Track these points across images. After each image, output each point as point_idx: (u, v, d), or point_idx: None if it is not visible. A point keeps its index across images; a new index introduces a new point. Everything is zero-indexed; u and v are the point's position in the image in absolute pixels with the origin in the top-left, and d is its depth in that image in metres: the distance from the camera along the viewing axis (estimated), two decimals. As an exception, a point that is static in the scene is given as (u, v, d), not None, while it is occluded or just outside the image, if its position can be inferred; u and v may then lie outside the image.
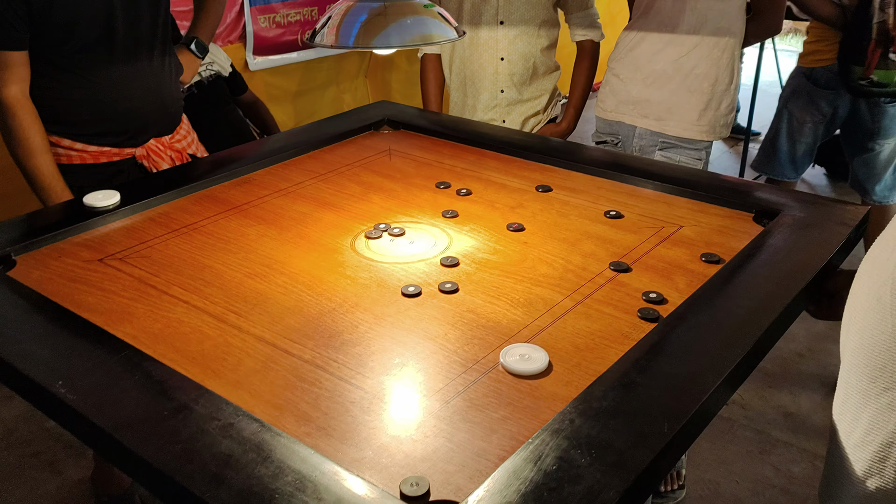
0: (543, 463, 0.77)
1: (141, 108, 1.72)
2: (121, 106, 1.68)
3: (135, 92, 1.70)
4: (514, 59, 2.16)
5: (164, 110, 1.78)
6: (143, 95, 1.71)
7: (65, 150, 1.67)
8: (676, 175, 1.52)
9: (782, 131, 2.75)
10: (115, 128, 1.69)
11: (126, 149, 1.71)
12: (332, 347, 1.01)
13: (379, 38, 1.11)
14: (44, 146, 1.59)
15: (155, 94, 1.74)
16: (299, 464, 0.78)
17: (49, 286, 1.16)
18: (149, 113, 1.73)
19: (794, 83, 2.71)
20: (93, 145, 1.68)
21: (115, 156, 1.70)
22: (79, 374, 0.92)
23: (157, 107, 1.75)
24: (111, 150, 1.70)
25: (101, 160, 1.69)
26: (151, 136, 1.75)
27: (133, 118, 1.71)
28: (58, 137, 1.65)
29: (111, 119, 1.68)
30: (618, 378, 0.91)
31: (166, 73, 1.77)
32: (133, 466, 0.82)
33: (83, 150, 1.68)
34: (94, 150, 1.68)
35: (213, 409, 0.86)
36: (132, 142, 1.72)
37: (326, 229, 1.35)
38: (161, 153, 1.75)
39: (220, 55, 2.74)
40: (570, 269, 1.20)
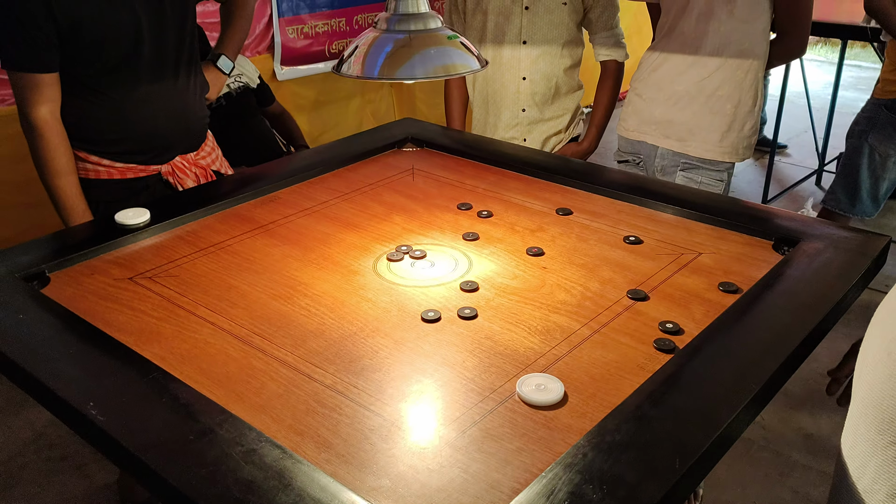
0: (556, 497, 0.79)
1: (166, 127, 1.75)
2: (146, 126, 1.72)
3: (160, 112, 1.73)
4: (537, 78, 2.18)
5: (189, 130, 1.81)
6: (168, 115, 1.75)
7: (92, 166, 1.71)
8: (697, 200, 1.53)
9: (863, 167, 2.67)
10: (141, 147, 1.73)
11: (152, 166, 1.75)
12: (353, 373, 1.04)
13: (403, 68, 1.13)
14: (69, 167, 1.63)
15: (180, 114, 1.78)
16: (319, 492, 0.80)
17: (81, 304, 1.20)
18: (174, 132, 1.77)
19: (873, 115, 2.63)
20: (119, 162, 1.72)
21: (140, 172, 1.74)
22: (109, 394, 0.96)
23: (182, 126, 1.78)
24: (137, 166, 1.74)
25: (127, 175, 1.73)
26: (177, 154, 1.79)
27: (158, 138, 1.75)
28: (85, 153, 1.69)
29: (136, 139, 1.72)
30: (632, 411, 0.92)
31: (192, 91, 1.80)
32: (158, 488, 0.85)
33: (110, 166, 1.72)
34: (121, 167, 1.72)
35: (236, 434, 0.89)
36: (157, 160, 1.76)
37: (349, 250, 1.38)
38: (186, 170, 1.79)
39: (249, 67, 2.79)
40: (587, 297, 1.22)
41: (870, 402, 0.73)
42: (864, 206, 2.71)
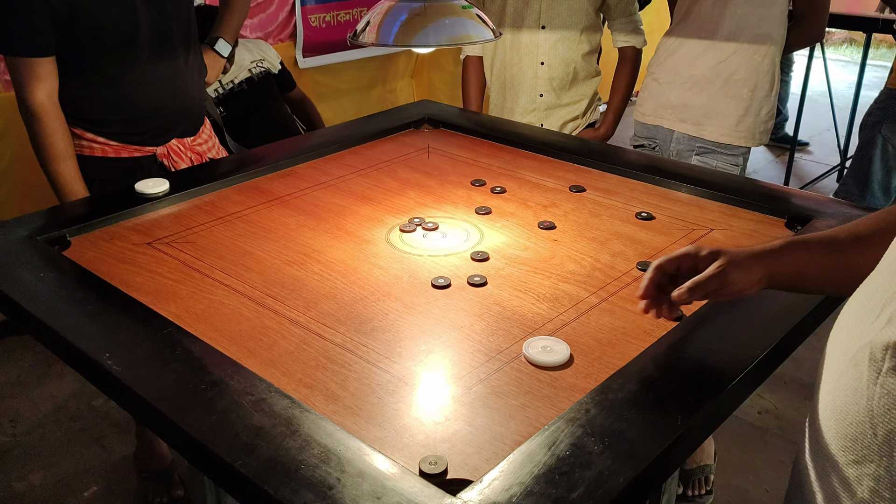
0: (557, 448, 0.80)
1: (164, 109, 1.74)
2: (145, 107, 1.71)
3: (159, 93, 1.72)
4: (555, 63, 2.18)
5: (188, 112, 1.80)
6: (167, 97, 1.74)
7: (87, 143, 1.70)
8: (709, 179, 1.53)
9: (876, 159, 2.65)
10: (139, 128, 1.73)
11: (147, 146, 1.74)
12: (363, 333, 1.06)
13: (418, 37, 1.15)
14: (68, 151, 1.63)
15: (179, 96, 1.77)
16: (325, 438, 0.82)
17: (100, 266, 1.23)
18: (172, 114, 1.76)
19: (886, 106, 2.61)
20: (115, 141, 1.71)
21: (135, 151, 1.73)
22: (125, 348, 0.98)
23: (180, 108, 1.77)
24: (132, 146, 1.73)
25: (121, 154, 1.72)
26: (174, 136, 1.78)
27: (156, 119, 1.74)
28: (81, 130, 1.69)
29: (135, 120, 1.72)
30: (636, 372, 0.93)
31: (190, 73, 1.79)
32: (171, 434, 0.87)
33: (105, 144, 1.71)
34: (116, 145, 1.72)
35: (247, 385, 0.91)
36: (154, 141, 1.75)
37: (363, 222, 1.40)
38: (181, 153, 1.78)
39: (271, 53, 2.82)
40: (597, 268, 1.23)
41: (831, 415, 0.67)
42: (874, 197, 2.69)
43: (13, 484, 2.05)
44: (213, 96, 2.55)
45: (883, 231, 0.84)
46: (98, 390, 2.36)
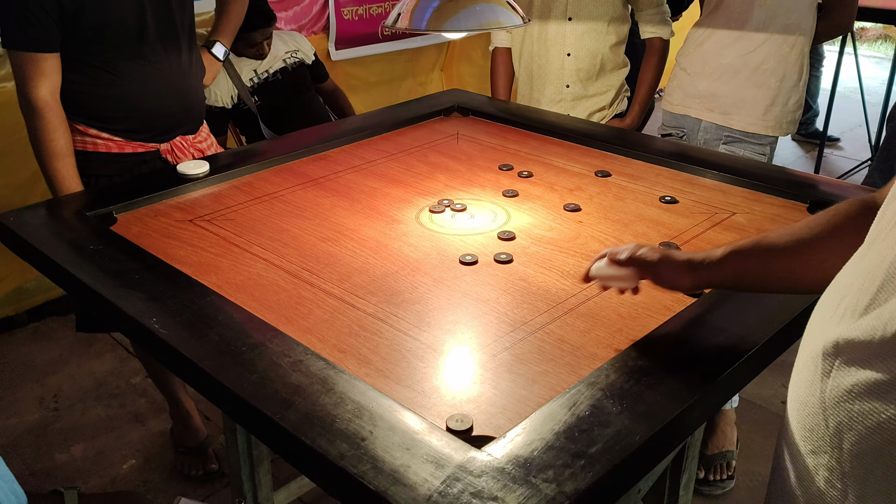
0: (577, 409, 0.85)
1: (171, 107, 1.76)
2: (149, 104, 1.72)
3: (164, 91, 1.74)
4: (581, 55, 2.21)
5: (191, 110, 1.82)
6: (172, 94, 1.75)
7: (91, 139, 1.71)
8: (733, 164, 1.56)
9: None
10: (143, 125, 1.74)
11: (152, 143, 1.77)
12: (394, 304, 1.11)
13: (450, 21, 1.20)
14: (67, 149, 1.63)
15: (183, 94, 1.78)
16: (358, 396, 0.87)
17: (145, 240, 1.29)
18: (178, 112, 1.78)
19: None
20: (120, 137, 1.73)
21: (139, 147, 1.75)
22: (170, 312, 1.05)
23: (185, 106, 1.79)
24: (138, 142, 1.75)
25: (125, 150, 1.74)
26: (178, 134, 1.80)
27: (160, 117, 1.75)
28: (85, 126, 1.69)
29: (141, 117, 1.73)
30: (655, 343, 0.97)
31: (193, 72, 1.82)
32: (214, 392, 0.93)
33: (109, 140, 1.72)
34: (120, 141, 1.73)
35: (285, 348, 0.96)
36: (160, 138, 1.77)
37: (394, 203, 1.45)
38: (184, 150, 1.81)
39: (305, 44, 2.88)
40: (620, 247, 1.27)
41: (794, 406, 0.71)
42: None
43: (55, 455, 2.14)
44: (249, 85, 2.62)
45: (830, 233, 0.85)
46: (135, 369, 2.44)
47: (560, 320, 1.06)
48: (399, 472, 0.76)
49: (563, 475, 0.75)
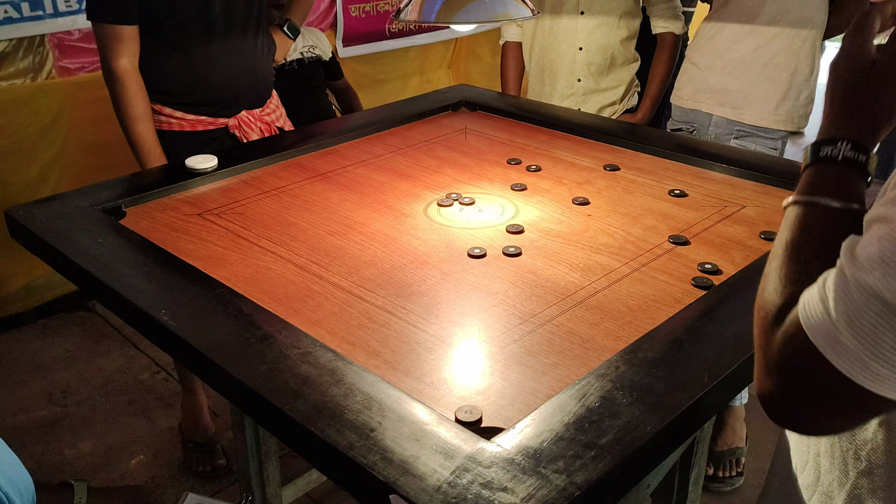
0: (587, 400, 0.84)
1: (234, 81, 1.85)
2: (215, 79, 1.83)
3: (228, 67, 1.84)
4: (593, 49, 2.20)
5: (256, 85, 1.91)
6: (236, 70, 1.85)
7: (165, 118, 1.82)
8: (742, 158, 1.55)
9: None
10: (210, 98, 1.84)
11: (220, 118, 1.86)
12: (402, 297, 1.10)
13: (460, 14, 1.19)
14: (147, 114, 1.75)
15: (247, 70, 1.88)
16: (367, 387, 0.87)
17: (154, 234, 1.29)
18: (241, 86, 1.87)
19: None
20: (190, 114, 1.83)
21: (209, 125, 1.85)
22: (179, 304, 1.04)
23: (248, 81, 1.89)
24: (206, 119, 1.85)
25: (197, 128, 1.84)
26: (243, 108, 1.89)
27: (226, 91, 1.85)
28: (160, 106, 1.81)
29: (206, 91, 1.83)
30: (665, 335, 0.97)
31: (259, 49, 1.91)
32: (223, 382, 0.93)
33: (182, 119, 1.83)
34: (192, 119, 1.83)
35: (294, 340, 0.96)
36: (225, 112, 1.86)
37: (402, 197, 1.44)
38: (251, 124, 1.89)
39: (323, 41, 2.88)
40: (629, 240, 1.26)
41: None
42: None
43: (64, 451, 2.15)
44: None
45: None
46: (143, 366, 2.44)
47: (569, 313, 1.05)
48: (408, 462, 0.76)
49: (573, 466, 0.75)
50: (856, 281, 0.54)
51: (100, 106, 2.65)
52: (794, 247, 0.66)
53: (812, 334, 0.57)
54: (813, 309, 0.57)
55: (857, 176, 0.68)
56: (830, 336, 0.55)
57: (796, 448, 0.82)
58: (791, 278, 0.64)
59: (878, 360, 0.53)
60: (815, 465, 0.78)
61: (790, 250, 0.66)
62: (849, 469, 0.71)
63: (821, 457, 0.76)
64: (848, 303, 0.54)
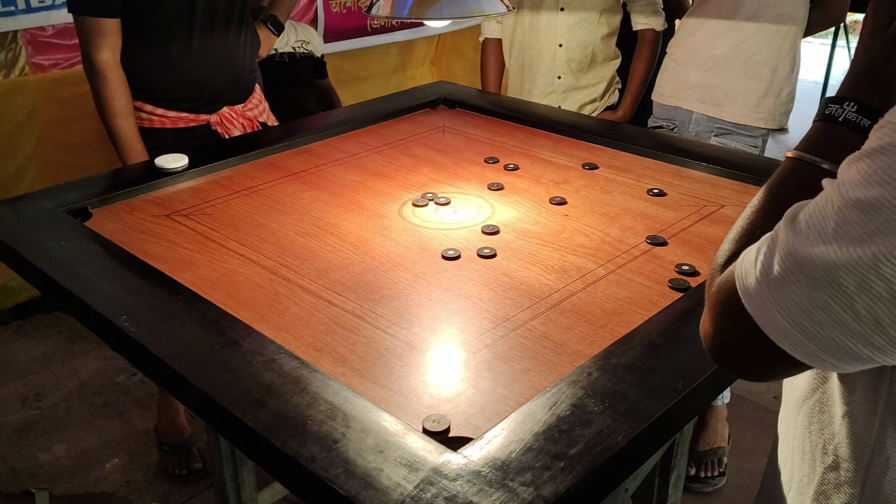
0: (558, 408, 0.82)
1: (215, 77, 1.83)
2: (197, 75, 1.80)
3: (210, 62, 1.81)
4: (573, 45, 2.18)
5: (238, 80, 1.89)
6: (218, 66, 1.83)
7: (147, 115, 1.80)
8: (723, 157, 1.53)
9: None
10: (191, 95, 1.81)
11: (201, 115, 1.83)
12: (373, 301, 1.08)
13: (433, 9, 1.16)
14: (128, 108, 1.72)
15: (229, 65, 1.85)
16: (332, 396, 0.84)
17: (120, 236, 1.26)
18: (223, 82, 1.85)
19: None
20: (171, 111, 1.80)
21: (191, 121, 1.83)
22: (142, 310, 1.01)
23: (230, 77, 1.86)
24: (188, 115, 1.82)
25: (178, 125, 1.82)
26: (224, 104, 1.86)
27: (207, 87, 1.82)
28: (141, 102, 1.78)
29: (187, 87, 1.80)
30: (640, 339, 0.94)
31: (241, 45, 1.88)
32: (184, 391, 0.90)
33: (163, 116, 1.80)
34: (173, 116, 1.81)
35: (258, 347, 0.93)
36: (206, 109, 1.84)
37: (376, 196, 1.42)
38: (233, 120, 1.86)
39: (316, 38, 2.84)
40: (606, 241, 1.24)
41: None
42: None
43: (38, 455, 2.11)
44: None
45: None
46: (119, 368, 2.41)
47: (543, 316, 1.03)
48: (371, 475, 0.73)
49: (541, 477, 0.73)
50: (782, 236, 0.57)
51: (75, 103, 2.61)
52: (768, 199, 0.68)
53: (738, 280, 0.60)
54: (746, 256, 0.60)
55: (857, 141, 0.67)
56: (749, 285, 0.58)
57: (780, 445, 0.81)
58: (749, 230, 0.67)
59: (784, 315, 0.55)
60: (790, 461, 0.77)
61: (763, 201, 0.68)
62: (816, 464, 0.72)
63: (794, 452, 0.75)
64: (767, 255, 0.57)
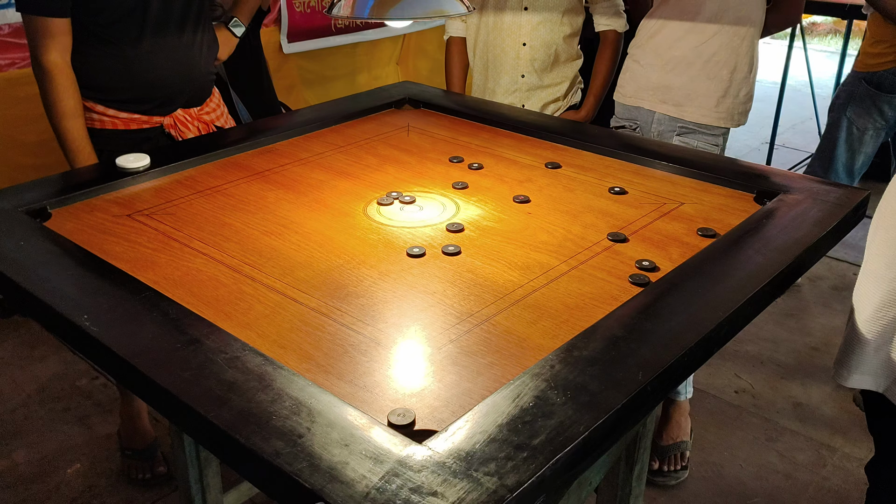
0: (521, 400, 0.83)
1: (169, 79, 1.80)
2: (148, 76, 1.76)
3: (163, 64, 1.78)
4: (537, 45, 2.20)
5: (193, 83, 1.85)
6: (170, 67, 1.79)
7: (98, 116, 1.76)
8: (682, 156, 1.56)
9: (840, 140, 2.69)
10: (143, 96, 1.78)
11: (154, 117, 1.80)
12: (337, 298, 1.08)
13: (394, 9, 1.17)
14: (77, 110, 1.68)
15: (184, 67, 1.82)
16: (297, 392, 0.84)
17: (80, 236, 1.24)
18: (176, 84, 1.81)
19: (853, 89, 2.65)
20: (123, 112, 1.77)
21: (144, 123, 1.79)
22: (102, 310, 1.00)
23: (184, 79, 1.83)
24: (140, 117, 1.79)
25: (130, 126, 1.78)
26: (178, 106, 1.83)
27: (160, 88, 1.79)
28: (92, 103, 1.75)
29: (139, 88, 1.77)
30: (601, 332, 0.96)
31: (198, 47, 1.85)
32: (146, 390, 0.90)
33: (115, 117, 1.77)
34: (125, 117, 1.77)
35: (221, 344, 0.93)
36: (160, 111, 1.80)
37: (341, 195, 1.42)
38: (188, 123, 1.83)
39: None
40: (569, 238, 1.26)
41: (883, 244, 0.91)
42: (838, 178, 2.74)
43: (-3, 462, 2.07)
44: None
45: None
46: (81, 371, 2.37)
47: (507, 311, 1.04)
48: (336, 469, 0.74)
49: (504, 468, 0.74)
50: None
51: (33, 103, 2.56)
52: None
53: None
54: None
55: None
56: None
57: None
58: None
59: None
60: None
61: None
62: None
63: None
64: None
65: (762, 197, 1.39)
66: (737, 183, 1.44)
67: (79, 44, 1.68)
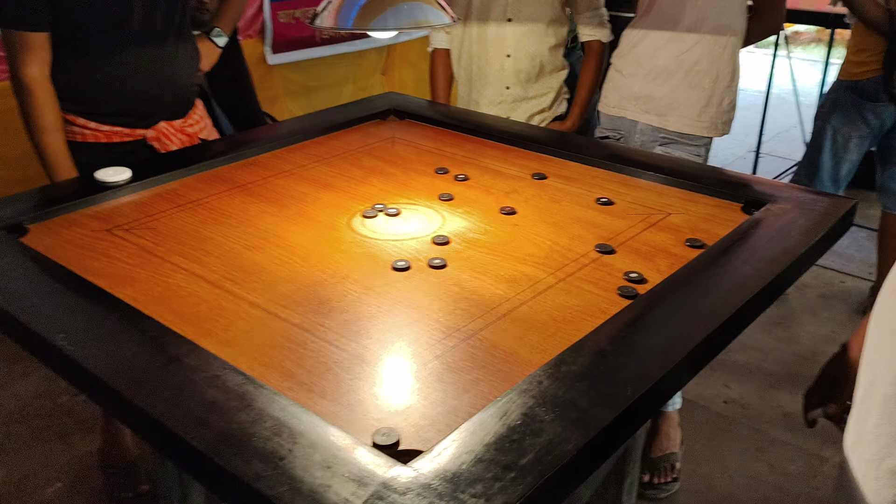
0: (509, 418, 0.81)
1: (151, 91, 1.77)
2: (130, 88, 1.74)
3: (145, 76, 1.75)
4: (521, 56, 2.20)
5: (176, 95, 1.83)
6: (152, 80, 1.77)
7: (79, 129, 1.73)
8: (668, 166, 1.55)
9: (825, 149, 2.70)
10: (124, 109, 1.75)
11: (137, 129, 1.77)
12: (321, 313, 1.06)
13: (377, 20, 1.15)
14: (56, 124, 1.66)
15: (166, 79, 1.80)
16: (278, 412, 0.82)
17: (58, 252, 1.22)
18: (158, 96, 1.79)
19: (837, 97, 2.67)
20: (105, 125, 1.74)
21: (126, 136, 1.76)
22: (80, 328, 0.98)
23: (166, 91, 1.80)
24: (122, 130, 1.76)
25: (113, 139, 1.75)
26: (161, 119, 1.81)
27: (142, 101, 1.77)
28: (73, 116, 1.72)
29: (120, 101, 1.74)
30: (589, 347, 0.95)
31: (179, 59, 1.82)
32: (124, 410, 0.87)
33: (96, 129, 1.74)
34: (107, 130, 1.75)
35: (201, 363, 0.91)
36: (142, 123, 1.78)
37: (325, 208, 1.40)
38: (171, 136, 1.81)
39: None
40: (556, 250, 1.24)
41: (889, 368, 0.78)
42: (823, 186, 2.75)
43: (-25, 482, 2.02)
44: None
45: None
46: (62, 388, 2.33)
47: (493, 326, 1.03)
48: (318, 492, 0.71)
49: (492, 489, 0.72)
50: None
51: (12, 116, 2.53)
52: None
53: None
54: None
55: None
56: None
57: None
58: None
59: None
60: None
61: None
62: None
63: None
64: None
65: (749, 207, 1.38)
66: (724, 193, 1.43)
67: (60, 57, 1.66)
